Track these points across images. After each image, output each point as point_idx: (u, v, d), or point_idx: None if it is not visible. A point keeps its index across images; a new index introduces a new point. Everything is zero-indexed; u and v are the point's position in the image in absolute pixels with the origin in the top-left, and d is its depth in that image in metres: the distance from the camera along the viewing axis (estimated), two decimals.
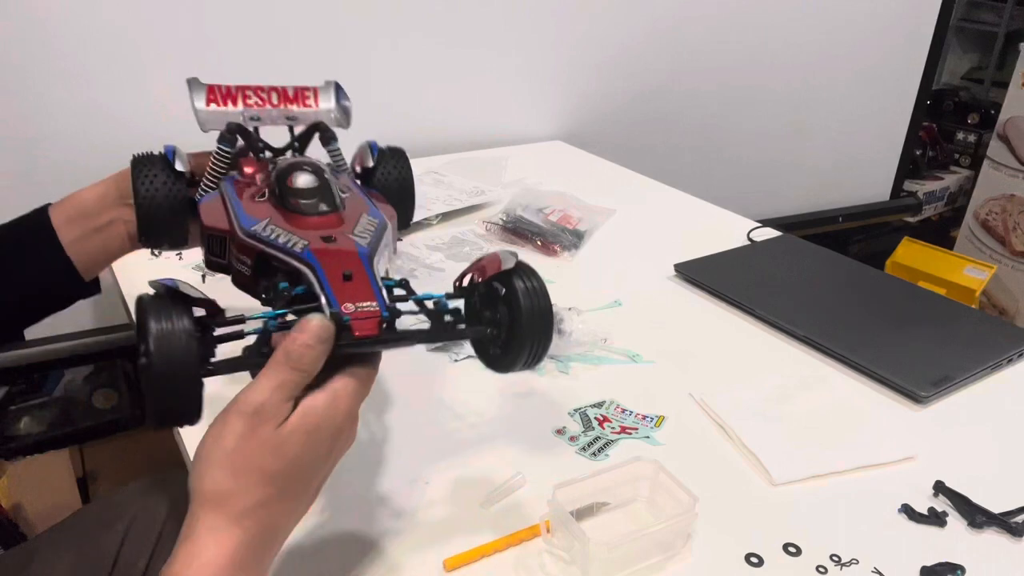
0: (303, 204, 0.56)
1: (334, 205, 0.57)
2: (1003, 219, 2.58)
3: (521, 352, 0.53)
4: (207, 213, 0.61)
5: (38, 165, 1.20)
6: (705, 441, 0.72)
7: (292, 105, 0.69)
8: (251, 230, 0.55)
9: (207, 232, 0.60)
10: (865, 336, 0.88)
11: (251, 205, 0.59)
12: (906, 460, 0.70)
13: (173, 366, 0.43)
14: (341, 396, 0.47)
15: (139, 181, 0.65)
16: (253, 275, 0.56)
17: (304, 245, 0.53)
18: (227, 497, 0.44)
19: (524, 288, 0.53)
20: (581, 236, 1.12)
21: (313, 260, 0.51)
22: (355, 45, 1.36)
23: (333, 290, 0.49)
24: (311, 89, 0.70)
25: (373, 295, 0.49)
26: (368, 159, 0.72)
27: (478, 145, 1.54)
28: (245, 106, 0.67)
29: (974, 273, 2.04)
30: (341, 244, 0.54)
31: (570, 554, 0.57)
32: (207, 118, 0.66)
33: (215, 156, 0.66)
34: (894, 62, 2.07)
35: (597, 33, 1.61)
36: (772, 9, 1.80)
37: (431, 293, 0.54)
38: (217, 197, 0.63)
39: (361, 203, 0.61)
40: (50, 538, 0.86)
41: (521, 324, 0.52)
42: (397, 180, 0.73)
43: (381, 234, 0.57)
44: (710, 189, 1.35)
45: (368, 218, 0.58)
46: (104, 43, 1.18)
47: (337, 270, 0.50)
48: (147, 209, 0.65)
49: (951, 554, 0.59)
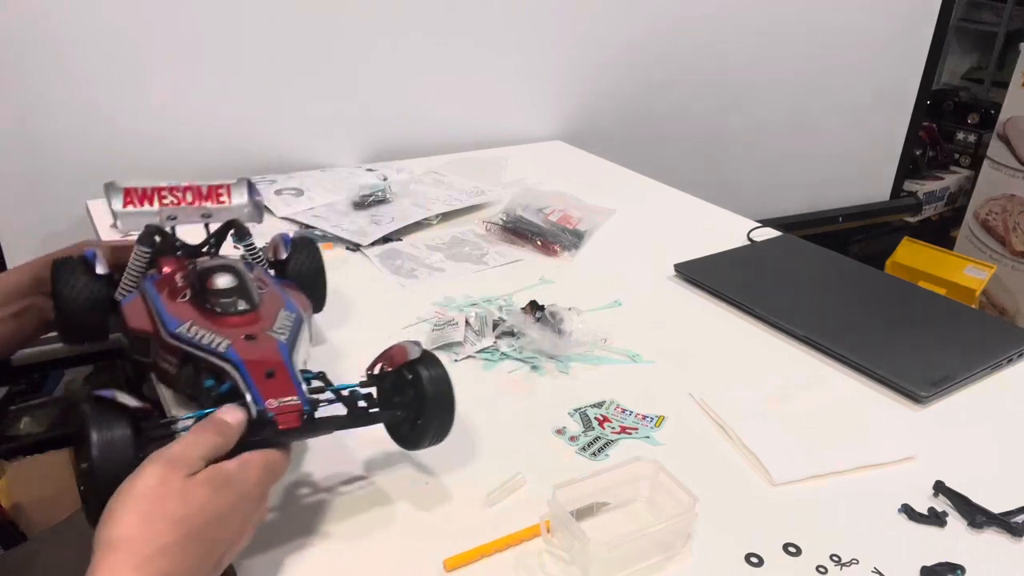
0: (223, 303, 0.61)
1: (252, 303, 0.62)
2: (1003, 219, 2.58)
3: (427, 431, 0.60)
4: (131, 315, 0.65)
5: (38, 165, 1.20)
6: (705, 441, 0.72)
7: (207, 202, 0.72)
8: (176, 332, 0.59)
9: (132, 334, 0.63)
10: (865, 336, 0.88)
11: (173, 306, 0.62)
12: (906, 460, 0.70)
13: (114, 469, 0.47)
14: (251, 465, 0.51)
15: (61, 285, 0.68)
16: (178, 373, 0.61)
17: (227, 344, 0.57)
18: (130, 542, 0.45)
19: (428, 376, 0.59)
20: (581, 236, 1.12)
21: (237, 359, 0.56)
22: (355, 45, 1.36)
23: (257, 387, 0.54)
24: (224, 186, 0.73)
25: (294, 390, 0.55)
26: (282, 251, 0.78)
27: (478, 145, 1.54)
28: (161, 206, 0.70)
29: (974, 273, 2.04)
30: (262, 342, 0.58)
31: (570, 554, 0.57)
32: (126, 219, 0.69)
33: (134, 256, 0.69)
34: (894, 62, 2.07)
35: (597, 33, 1.61)
36: (772, 10, 1.80)
37: (346, 384, 0.61)
38: (138, 298, 0.66)
39: (277, 298, 0.66)
40: (50, 538, 0.87)
41: (426, 408, 0.59)
42: (310, 268, 0.79)
43: (299, 328, 0.62)
44: (710, 189, 1.35)
45: (285, 312, 0.63)
46: (104, 43, 1.18)
47: (260, 368, 0.55)
48: (69, 312, 0.68)
49: (951, 554, 0.59)
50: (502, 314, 0.90)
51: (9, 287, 0.75)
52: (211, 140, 1.30)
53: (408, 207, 1.19)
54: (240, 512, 0.50)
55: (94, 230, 1.10)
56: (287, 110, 1.35)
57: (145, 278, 0.68)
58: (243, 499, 0.50)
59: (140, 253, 0.69)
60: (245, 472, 0.50)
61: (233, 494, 0.49)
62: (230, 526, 0.49)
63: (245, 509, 0.50)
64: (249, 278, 0.64)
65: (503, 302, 0.93)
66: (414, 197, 1.23)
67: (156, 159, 1.26)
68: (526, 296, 0.92)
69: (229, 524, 0.49)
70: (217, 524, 0.48)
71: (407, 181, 1.29)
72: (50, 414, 1.66)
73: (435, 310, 0.91)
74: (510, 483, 0.64)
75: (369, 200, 1.19)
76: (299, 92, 1.35)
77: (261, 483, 0.51)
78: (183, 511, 0.46)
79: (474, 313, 0.89)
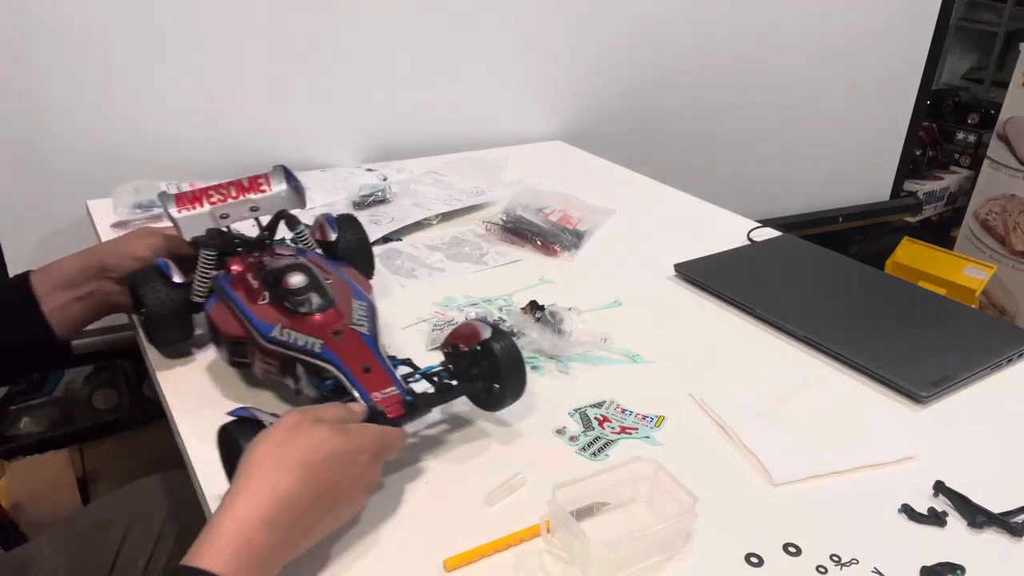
0: (300, 300, 0.66)
1: (328, 299, 0.67)
2: (1003, 219, 2.58)
3: (506, 393, 0.67)
4: (221, 322, 0.69)
5: (38, 165, 1.20)
6: (705, 441, 0.72)
7: (250, 193, 0.77)
8: (270, 336, 0.64)
9: (228, 340, 0.69)
10: (865, 336, 0.88)
11: (257, 309, 0.67)
12: (906, 460, 0.70)
13: None
14: (369, 428, 0.58)
15: (146, 298, 0.73)
16: (279, 372, 0.66)
17: (320, 344, 0.63)
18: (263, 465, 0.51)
19: (500, 347, 0.65)
20: (581, 236, 1.12)
21: (335, 359, 0.62)
22: (355, 45, 1.36)
23: (362, 384, 0.60)
24: (263, 175, 0.78)
25: (392, 382, 0.61)
26: (329, 232, 0.83)
27: (478, 145, 1.54)
28: (211, 204, 0.75)
29: (974, 273, 2.04)
30: (349, 337, 0.64)
31: (570, 554, 0.57)
32: (185, 224, 0.74)
33: (202, 259, 0.74)
34: (894, 62, 2.07)
35: (597, 33, 1.61)
36: (772, 10, 1.80)
37: (431, 366, 0.67)
38: (220, 303, 0.71)
39: (345, 288, 0.71)
40: (50, 538, 0.87)
41: (501, 374, 0.65)
42: (357, 244, 0.84)
43: (374, 316, 0.68)
44: (710, 189, 1.35)
45: (357, 302, 0.68)
46: (104, 43, 1.18)
47: (356, 364, 0.61)
48: (157, 321, 0.74)
49: (951, 554, 0.59)
50: (502, 314, 0.90)
51: (74, 271, 0.78)
52: (211, 140, 1.30)
53: (408, 207, 1.19)
54: (355, 462, 0.55)
55: (94, 230, 1.10)
56: (287, 110, 1.35)
57: (216, 278, 0.73)
58: (359, 450, 0.55)
59: (206, 256, 0.74)
60: (362, 430, 0.57)
61: (350, 442, 0.55)
62: (345, 471, 0.54)
63: (360, 460, 0.55)
64: (317, 272, 0.68)
65: (503, 302, 0.93)
66: (414, 197, 1.23)
67: (156, 159, 1.26)
68: (526, 296, 0.92)
69: (344, 469, 0.54)
70: (335, 464, 0.53)
71: (407, 181, 1.29)
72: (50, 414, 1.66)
73: (435, 310, 0.91)
74: (510, 483, 0.64)
75: (369, 200, 1.19)
76: (299, 92, 1.35)
77: (376, 446, 0.57)
78: (307, 443, 0.53)
79: (474, 313, 0.89)
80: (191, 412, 0.71)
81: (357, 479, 0.55)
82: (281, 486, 0.50)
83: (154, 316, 0.73)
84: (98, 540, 0.85)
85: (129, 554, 0.84)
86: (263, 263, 0.71)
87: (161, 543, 0.85)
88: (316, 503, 0.52)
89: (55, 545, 0.85)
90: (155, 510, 0.88)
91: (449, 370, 0.67)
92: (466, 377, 0.67)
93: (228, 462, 0.58)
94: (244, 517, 0.49)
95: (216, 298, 0.72)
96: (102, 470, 1.56)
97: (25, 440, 1.60)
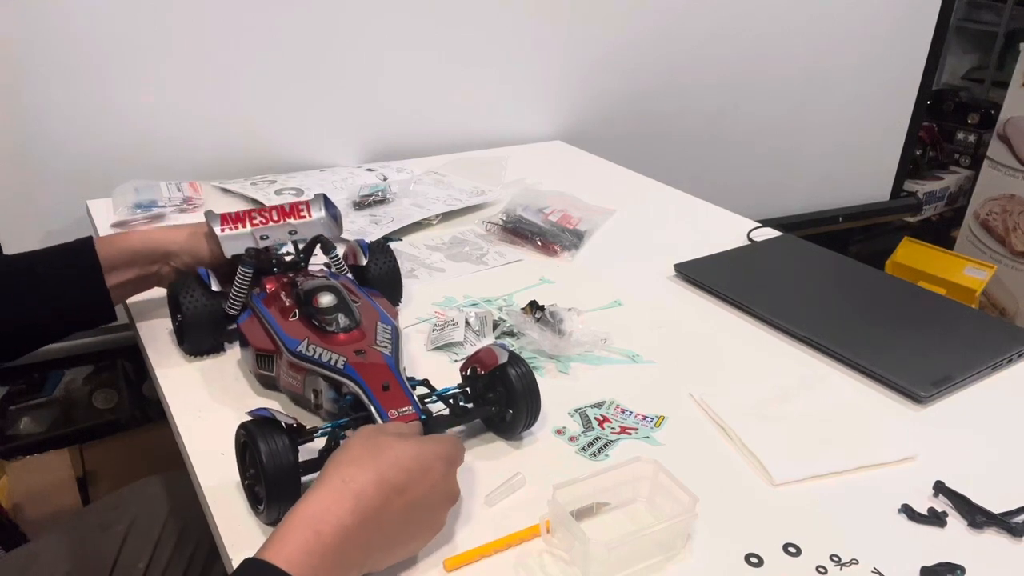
0: (328, 319, 0.69)
1: (355, 319, 0.70)
2: (1003, 219, 2.58)
3: (520, 420, 0.67)
4: (252, 335, 0.73)
5: (38, 165, 1.20)
6: (705, 441, 0.72)
7: (290, 218, 0.82)
8: (297, 351, 0.67)
9: (258, 352, 0.72)
10: (865, 336, 0.88)
11: (287, 325, 0.71)
12: (906, 460, 0.70)
13: (281, 472, 0.55)
14: (435, 439, 0.59)
15: (186, 304, 0.76)
16: (302, 386, 0.69)
17: (344, 361, 0.65)
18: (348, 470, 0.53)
19: (515, 374, 0.67)
20: (581, 236, 1.12)
21: (355, 375, 0.64)
22: (356, 45, 1.36)
23: (379, 401, 0.62)
24: (304, 203, 0.84)
25: (408, 401, 0.63)
26: (361, 257, 0.85)
27: (478, 145, 1.54)
28: (252, 226, 0.81)
29: (974, 273, 2.04)
30: (371, 357, 0.66)
31: (570, 554, 0.57)
32: (227, 243, 0.79)
33: (239, 276, 0.77)
34: (894, 62, 2.07)
35: (597, 33, 1.61)
36: (772, 10, 1.80)
37: (448, 388, 0.69)
38: (252, 317, 0.75)
39: (371, 311, 0.73)
40: (50, 539, 0.87)
41: (517, 400, 0.66)
42: (388, 271, 0.87)
43: (397, 339, 0.70)
44: (710, 189, 1.35)
45: (382, 326, 0.71)
46: (104, 43, 1.18)
47: (376, 382, 0.64)
48: (194, 327, 0.77)
49: (951, 554, 0.59)
50: (502, 314, 0.90)
51: (142, 251, 0.81)
52: (212, 140, 1.30)
53: (408, 207, 1.19)
54: (432, 470, 0.55)
55: (94, 230, 1.10)
56: (287, 110, 1.35)
57: (251, 295, 0.77)
58: (435, 457, 0.56)
59: (243, 273, 0.77)
60: (434, 440, 0.58)
61: (425, 451, 0.56)
62: (423, 478, 0.55)
63: (436, 468, 0.56)
64: (347, 294, 0.71)
65: (503, 302, 0.93)
66: (414, 197, 1.23)
67: (156, 159, 1.26)
68: (526, 296, 0.92)
69: (422, 476, 0.55)
70: (412, 470, 0.54)
71: (407, 181, 1.29)
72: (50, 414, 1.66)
73: (435, 310, 0.91)
74: (510, 483, 0.64)
75: (369, 200, 1.19)
76: (299, 92, 1.35)
77: (449, 455, 0.57)
78: (385, 446, 0.55)
79: (474, 313, 0.89)
80: (191, 412, 0.72)
81: (432, 487, 0.55)
82: (355, 483, 0.51)
83: (192, 320, 0.76)
84: (98, 541, 0.85)
85: (129, 555, 0.84)
86: (296, 283, 0.74)
87: (161, 543, 0.85)
88: (389, 505, 0.52)
89: (56, 546, 0.85)
90: (155, 510, 0.88)
91: (466, 393, 0.69)
92: (481, 401, 0.69)
93: (243, 460, 0.60)
94: (313, 512, 0.49)
95: (249, 313, 0.76)
96: (102, 470, 1.56)
97: (25, 440, 1.60)
